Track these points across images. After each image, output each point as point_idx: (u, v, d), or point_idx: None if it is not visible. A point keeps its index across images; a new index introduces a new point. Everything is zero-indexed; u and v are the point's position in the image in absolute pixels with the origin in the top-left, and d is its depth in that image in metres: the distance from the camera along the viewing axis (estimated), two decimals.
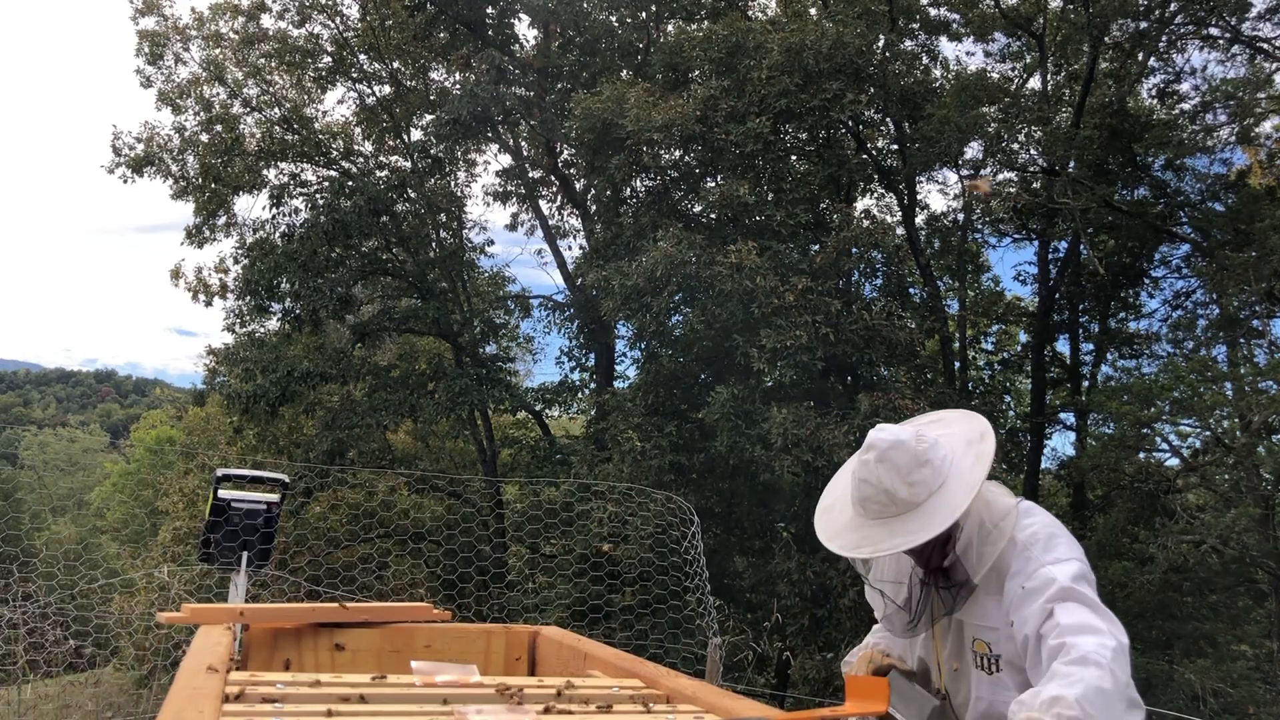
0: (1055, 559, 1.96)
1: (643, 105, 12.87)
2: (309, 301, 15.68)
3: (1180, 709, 9.37)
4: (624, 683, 1.63)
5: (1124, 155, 13.97)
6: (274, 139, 17.77)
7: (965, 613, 2.07)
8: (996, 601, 2.02)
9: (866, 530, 2.03)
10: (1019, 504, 2.11)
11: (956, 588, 2.04)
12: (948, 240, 16.65)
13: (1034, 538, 2.02)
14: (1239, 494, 11.67)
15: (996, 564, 2.02)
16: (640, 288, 12.39)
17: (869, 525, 2.03)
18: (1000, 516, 2.06)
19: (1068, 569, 1.94)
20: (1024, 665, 1.93)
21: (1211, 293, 13.72)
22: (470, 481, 17.00)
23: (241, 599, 3.14)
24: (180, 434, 29.44)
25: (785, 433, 11.57)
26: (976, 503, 2.03)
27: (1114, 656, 1.79)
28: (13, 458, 59.29)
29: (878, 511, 2.02)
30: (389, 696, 1.39)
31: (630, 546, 11.92)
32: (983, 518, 2.06)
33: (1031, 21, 15.20)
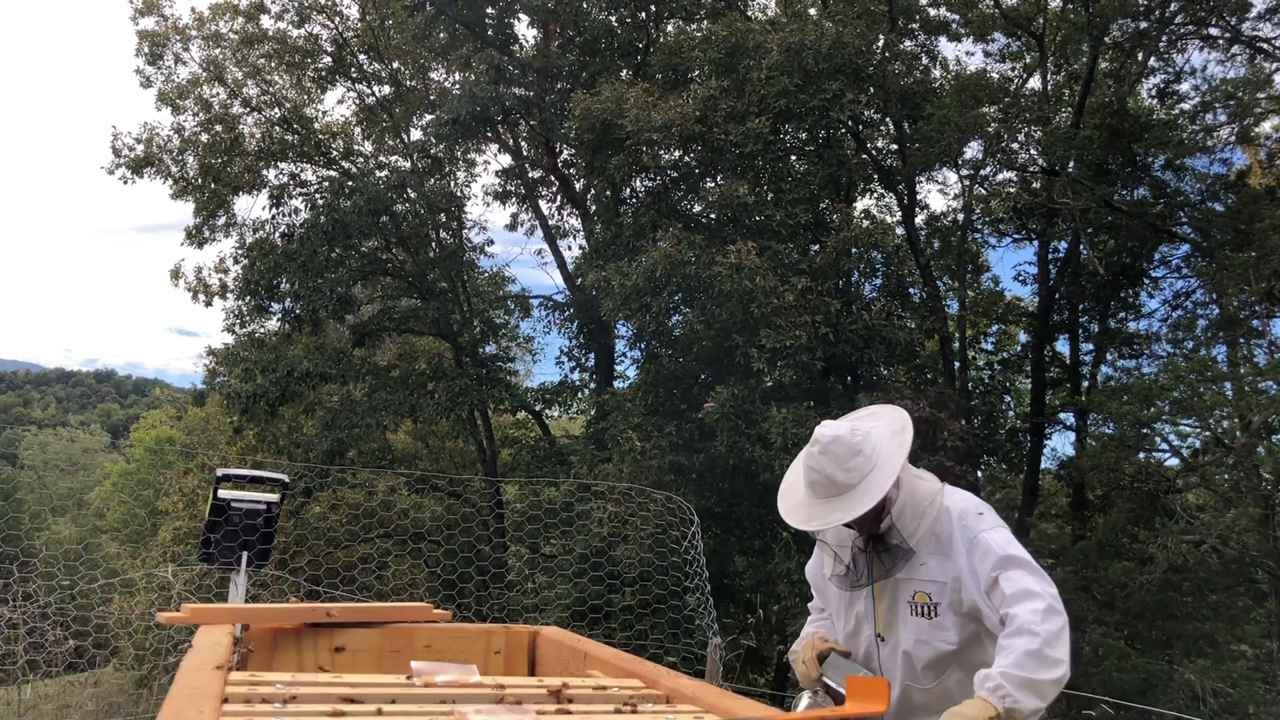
0: (987, 526, 2.41)
1: (642, 105, 12.87)
2: (309, 301, 15.68)
3: (1180, 709, 9.37)
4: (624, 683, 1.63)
5: (1124, 155, 13.97)
6: (274, 139, 17.77)
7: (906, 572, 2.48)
8: (939, 560, 2.44)
9: (815, 508, 2.48)
10: (945, 485, 2.56)
11: (895, 553, 2.47)
12: (948, 240, 16.64)
13: (965, 510, 2.46)
14: (1239, 494, 11.68)
15: (934, 530, 2.46)
16: (640, 288, 12.38)
17: (817, 504, 2.48)
18: (929, 494, 2.50)
19: (1000, 535, 2.38)
20: (963, 611, 2.39)
21: (1211, 293, 13.72)
22: (470, 481, 17.00)
23: (241, 599, 3.14)
24: (180, 434, 29.44)
25: (785, 433, 11.56)
26: (906, 483, 2.49)
27: (1043, 618, 2.17)
28: (13, 458, 59.34)
29: (823, 493, 2.46)
30: (389, 696, 1.39)
31: (630, 546, 11.92)
32: (915, 493, 2.50)
33: (1031, 21, 15.20)
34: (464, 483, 16.97)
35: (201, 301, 18.19)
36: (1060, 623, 2.17)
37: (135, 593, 12.38)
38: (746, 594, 13.98)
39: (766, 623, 13.91)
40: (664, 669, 1.75)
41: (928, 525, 2.45)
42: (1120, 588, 11.62)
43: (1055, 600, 2.20)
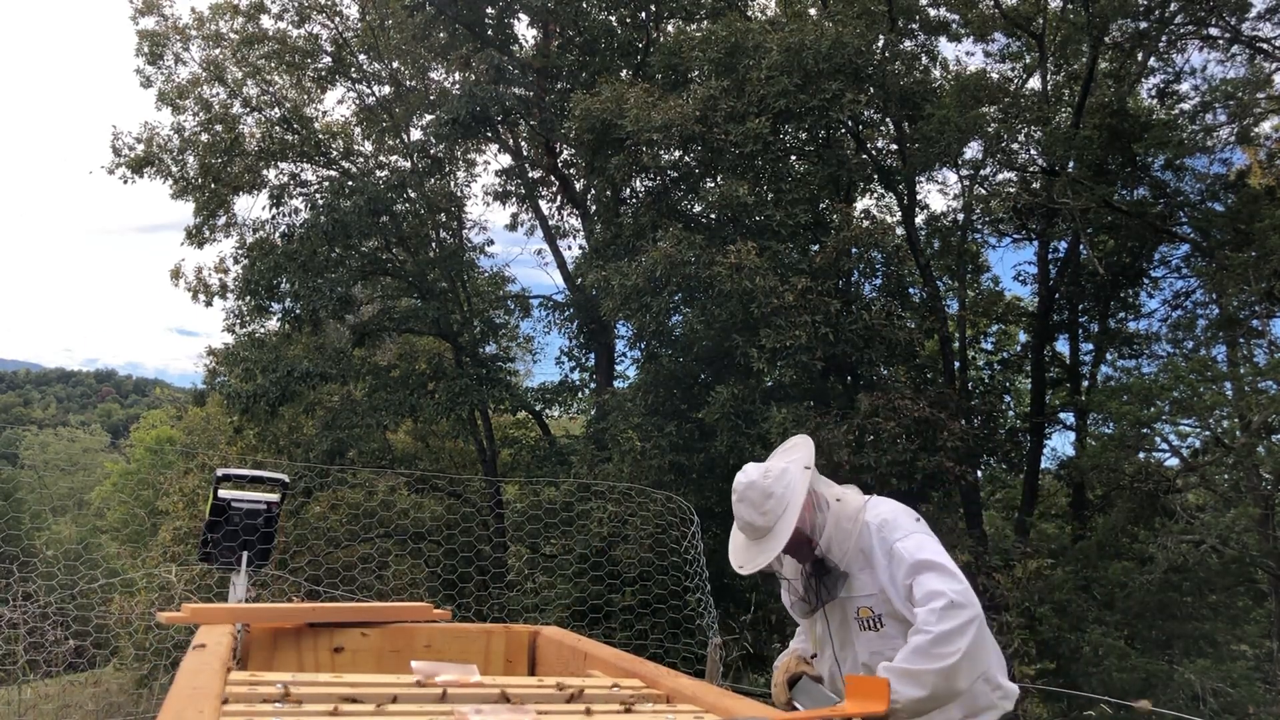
0: (901, 535, 2.52)
1: (642, 105, 12.87)
2: (309, 301, 15.68)
3: (1180, 709, 9.36)
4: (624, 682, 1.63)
5: (1124, 155, 13.97)
6: (274, 139, 17.77)
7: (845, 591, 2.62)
8: (869, 575, 2.57)
9: (746, 551, 2.68)
10: (868, 500, 2.69)
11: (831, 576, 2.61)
12: (948, 240, 16.64)
13: (883, 522, 2.59)
14: (1239, 494, 11.67)
15: (859, 546, 2.59)
16: (640, 288, 12.39)
17: (749, 546, 2.67)
18: (852, 514, 2.63)
19: (912, 542, 2.49)
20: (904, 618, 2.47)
21: (1211, 293, 13.72)
22: (470, 481, 17.00)
23: (241, 599, 3.14)
24: (180, 434, 29.45)
25: (785, 432, 11.56)
26: (832, 507, 2.64)
27: (939, 616, 2.28)
28: (13, 458, 59.34)
29: (751, 535, 2.65)
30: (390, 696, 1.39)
31: (630, 546, 11.93)
32: (840, 516, 2.63)
33: (1031, 21, 15.20)
34: (464, 483, 16.98)
35: (201, 301, 18.20)
36: (960, 617, 2.26)
37: (135, 593, 12.38)
38: (746, 594, 13.98)
39: (766, 623, 13.91)
40: (664, 669, 1.75)
41: (853, 544, 2.59)
42: (1120, 588, 11.62)
43: (959, 595, 2.29)
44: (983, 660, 2.28)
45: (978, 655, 2.26)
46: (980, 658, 2.28)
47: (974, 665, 2.26)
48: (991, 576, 11.66)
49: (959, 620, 2.25)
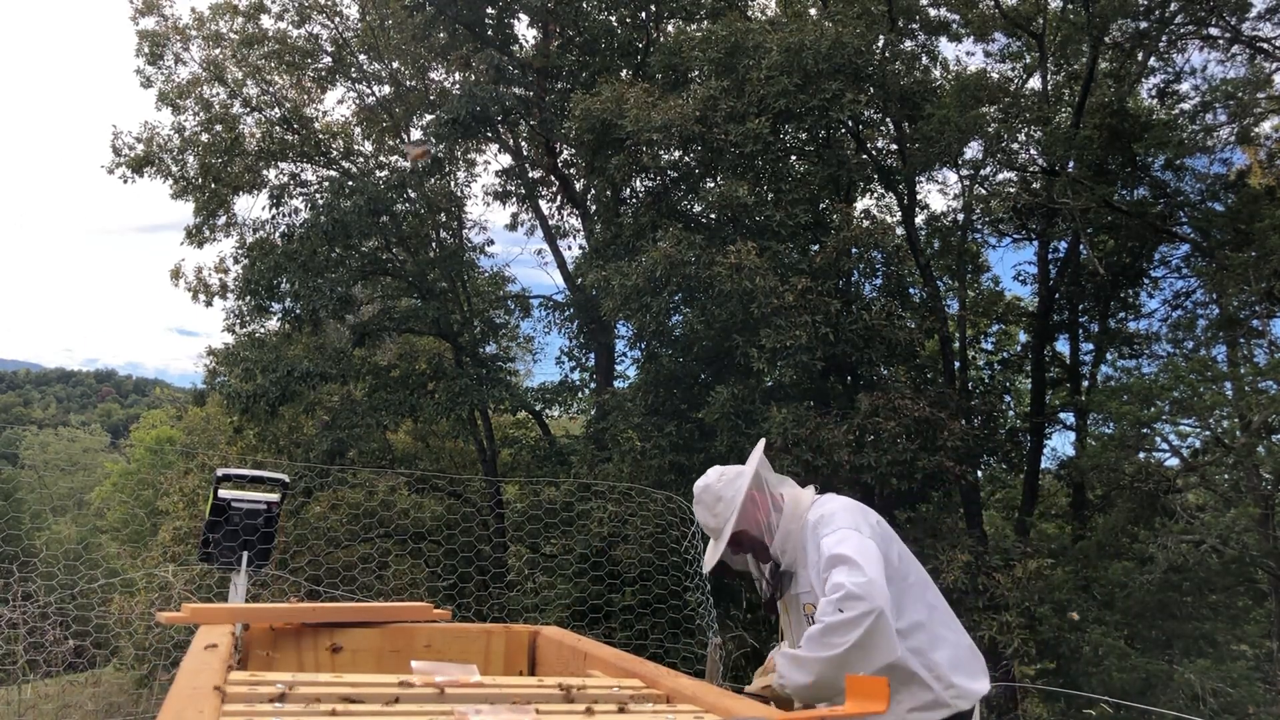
0: (829, 531, 2.55)
1: (642, 105, 12.87)
2: (309, 301, 15.68)
3: (1180, 709, 9.36)
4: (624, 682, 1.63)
5: (1124, 155, 13.97)
6: (274, 139, 17.78)
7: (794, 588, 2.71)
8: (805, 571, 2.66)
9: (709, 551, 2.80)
10: (816, 499, 2.73)
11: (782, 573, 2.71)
12: (948, 240, 16.64)
13: (820, 519, 2.62)
14: (1239, 494, 11.67)
15: (799, 544, 2.67)
16: (640, 288, 12.39)
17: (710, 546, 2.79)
18: (799, 512, 2.69)
19: (834, 538, 2.50)
20: None
21: (1211, 293, 13.72)
22: (470, 481, 17.00)
23: (241, 599, 3.14)
24: (180, 434, 29.45)
25: (785, 432, 11.57)
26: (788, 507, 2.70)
27: (833, 606, 2.31)
28: (13, 458, 59.34)
29: (710, 536, 2.78)
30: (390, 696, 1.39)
31: (630, 546, 11.92)
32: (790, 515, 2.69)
33: (1031, 21, 15.20)
34: (464, 483, 16.98)
35: (201, 301, 18.22)
36: (855, 610, 2.28)
37: (135, 593, 12.38)
38: (746, 594, 13.98)
39: (766, 622, 13.91)
40: (664, 669, 1.75)
41: (795, 543, 2.67)
42: (1120, 588, 11.61)
43: (858, 588, 2.31)
44: (879, 653, 2.28)
45: (872, 647, 2.28)
46: (876, 651, 2.28)
47: (867, 657, 2.27)
48: (991, 576, 11.66)
49: (853, 613, 2.28)
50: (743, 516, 2.71)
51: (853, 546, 2.45)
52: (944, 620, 2.63)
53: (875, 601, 2.29)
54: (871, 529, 2.56)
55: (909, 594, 2.57)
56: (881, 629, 2.28)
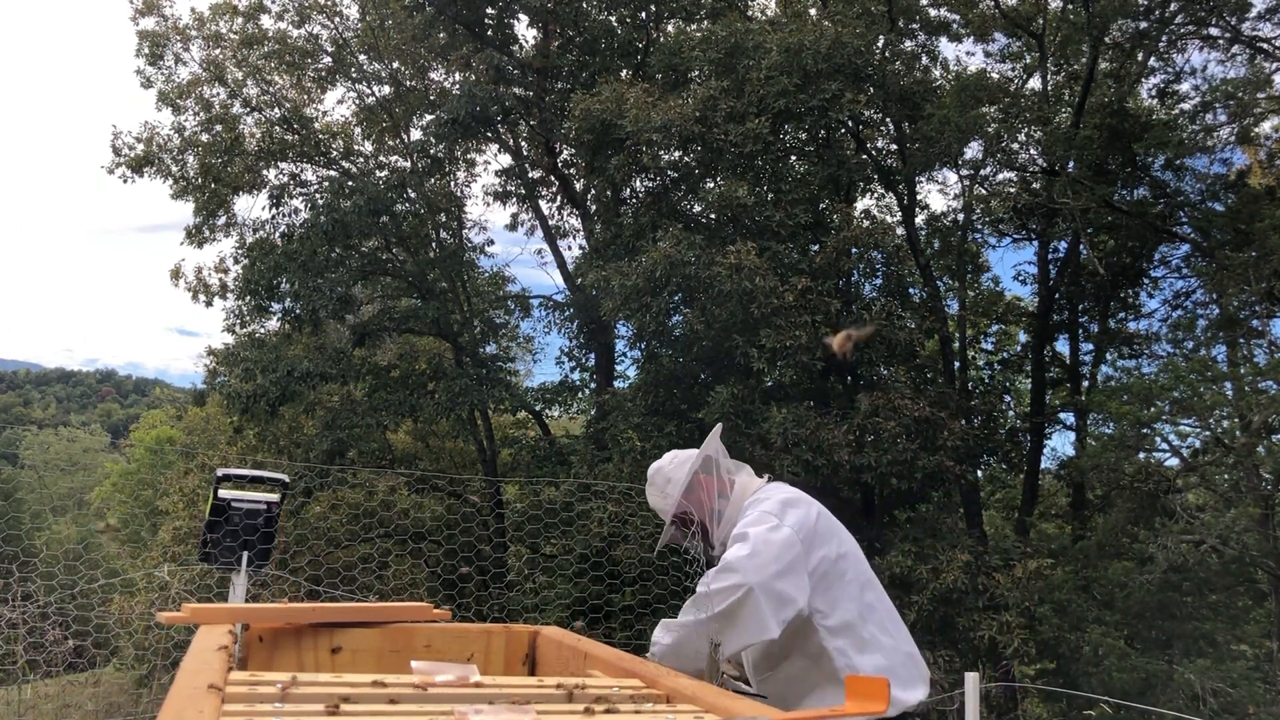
0: (749, 516, 2.54)
1: (642, 106, 12.87)
2: (309, 301, 15.68)
3: (1180, 709, 9.36)
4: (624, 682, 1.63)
5: (1124, 155, 13.97)
6: (274, 139, 17.78)
7: None
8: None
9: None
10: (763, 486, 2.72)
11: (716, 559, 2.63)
12: (948, 240, 16.65)
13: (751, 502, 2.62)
14: (1239, 494, 11.67)
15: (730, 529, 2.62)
16: (640, 288, 12.39)
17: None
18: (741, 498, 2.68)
19: (748, 518, 2.52)
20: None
21: (1211, 293, 13.72)
22: (470, 481, 17.00)
23: (241, 599, 3.14)
24: (180, 434, 29.46)
25: (785, 432, 11.57)
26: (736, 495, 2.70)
27: (712, 578, 2.33)
28: (13, 458, 59.35)
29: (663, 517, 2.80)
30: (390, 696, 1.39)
31: (630, 546, 11.92)
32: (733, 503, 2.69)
33: (1031, 21, 15.20)
34: (464, 483, 16.98)
35: (202, 301, 18.21)
36: (727, 581, 2.31)
37: (135, 593, 12.38)
38: None
39: None
40: (664, 669, 1.75)
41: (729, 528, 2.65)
42: (1120, 588, 11.62)
43: (737, 562, 2.33)
44: (745, 629, 2.29)
45: (737, 620, 2.29)
46: (741, 625, 2.29)
47: (732, 628, 2.28)
48: (991, 576, 11.66)
49: (723, 584, 2.30)
50: (688, 498, 2.72)
51: (757, 529, 2.45)
52: (881, 624, 2.58)
53: (748, 577, 2.30)
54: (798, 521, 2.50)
55: (845, 593, 2.52)
56: (748, 604, 2.28)
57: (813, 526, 2.53)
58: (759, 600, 2.29)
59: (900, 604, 11.30)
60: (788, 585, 2.36)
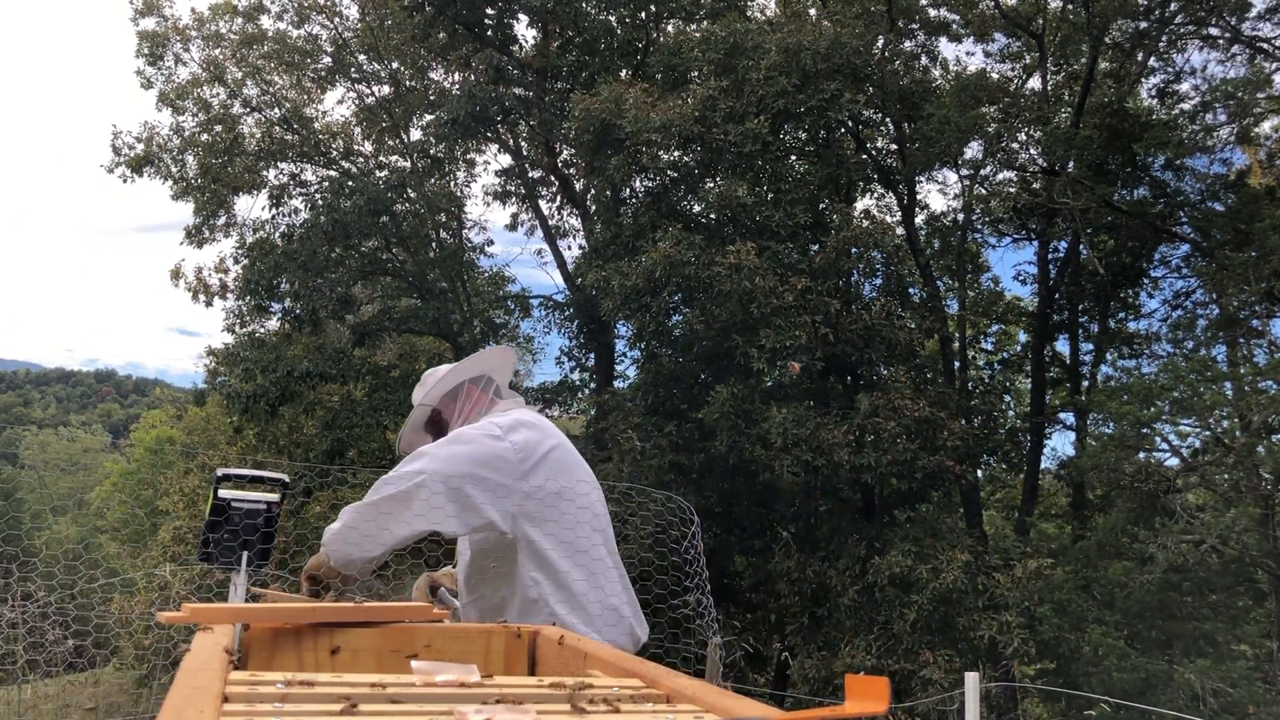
0: (481, 421, 2.48)
1: (641, 106, 12.87)
2: (309, 301, 15.69)
3: (1180, 709, 9.36)
4: (624, 682, 1.63)
5: (1124, 155, 13.98)
6: (274, 139, 17.79)
7: None
8: None
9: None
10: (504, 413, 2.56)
11: None
12: (948, 240, 16.65)
13: (490, 417, 2.52)
14: (1239, 494, 11.67)
15: None
16: (640, 288, 12.39)
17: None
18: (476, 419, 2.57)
19: (475, 425, 2.46)
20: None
21: (1211, 293, 13.73)
22: None
23: (241, 599, 3.14)
24: (180, 434, 29.47)
25: (785, 432, 11.57)
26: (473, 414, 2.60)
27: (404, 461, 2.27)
28: (13, 458, 59.28)
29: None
30: (391, 696, 1.39)
31: (630, 546, 11.92)
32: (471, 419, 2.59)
33: (1031, 21, 15.20)
34: None
35: (202, 301, 18.22)
36: (411, 465, 2.24)
37: (135, 593, 12.38)
38: (746, 594, 13.98)
39: (766, 622, 13.91)
40: (664, 669, 1.75)
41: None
42: (1120, 588, 11.62)
43: (435, 450, 2.28)
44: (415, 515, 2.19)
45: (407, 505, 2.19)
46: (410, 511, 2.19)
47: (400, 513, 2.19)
48: (991, 576, 11.66)
49: (408, 467, 2.25)
50: (445, 404, 2.66)
51: (472, 431, 2.38)
52: (592, 573, 2.43)
53: (434, 465, 2.22)
54: (523, 442, 2.38)
55: (559, 530, 2.40)
56: (423, 493, 2.19)
57: (540, 454, 2.42)
58: (439, 492, 2.19)
59: (900, 604, 11.33)
60: (478, 492, 2.25)
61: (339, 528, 2.31)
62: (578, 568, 2.40)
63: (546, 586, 2.35)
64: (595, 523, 2.53)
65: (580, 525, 2.44)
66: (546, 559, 2.35)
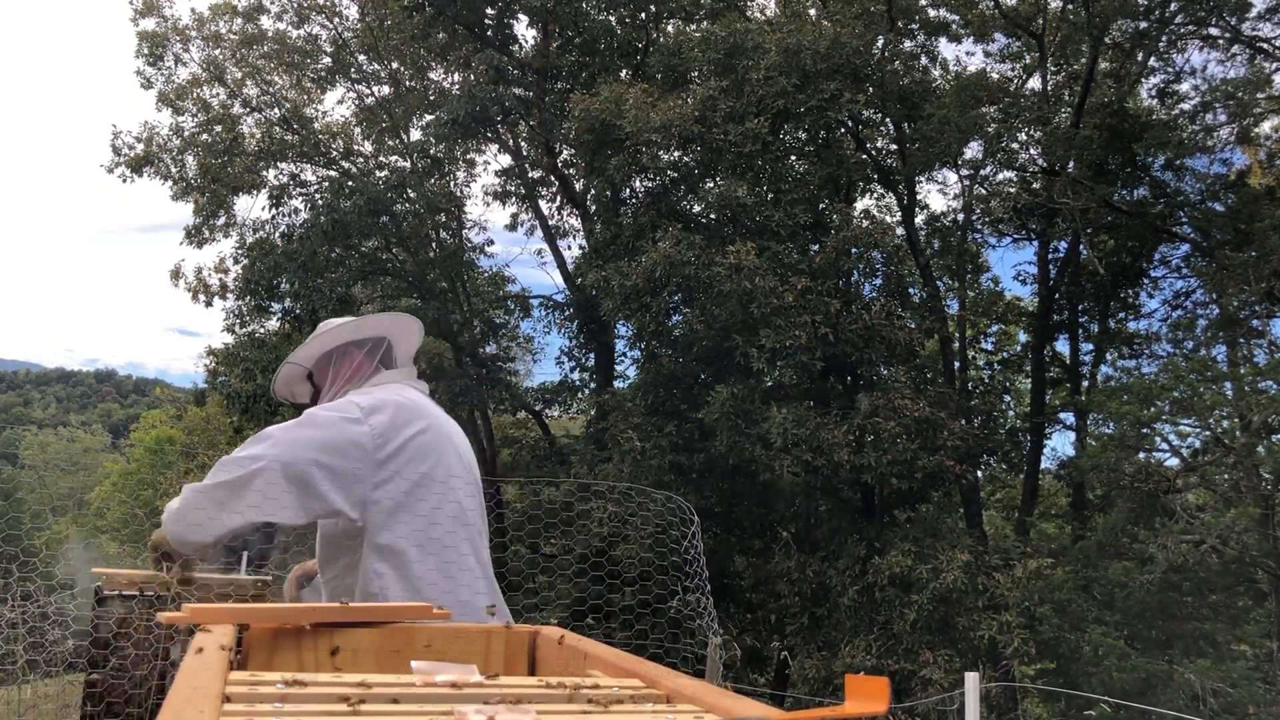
0: (342, 400, 2.30)
1: (641, 106, 12.88)
2: (309, 301, 15.68)
3: (1180, 709, 9.37)
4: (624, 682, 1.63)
5: (1124, 155, 13.98)
6: (273, 139, 17.79)
7: None
8: None
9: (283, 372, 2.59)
10: (387, 386, 2.38)
11: None
12: (948, 240, 16.65)
13: (357, 393, 2.33)
14: (1239, 494, 11.67)
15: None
16: (640, 288, 12.39)
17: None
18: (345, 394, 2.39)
19: (336, 402, 2.29)
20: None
21: (1211, 293, 13.73)
22: None
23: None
24: (180, 434, 29.49)
25: (785, 432, 11.57)
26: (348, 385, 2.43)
27: (246, 444, 2.12)
28: (13, 458, 59.35)
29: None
30: (391, 696, 1.39)
31: (630, 546, 11.93)
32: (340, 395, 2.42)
33: (1031, 21, 15.21)
34: None
35: (202, 301, 18.21)
36: (251, 450, 2.10)
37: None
38: (746, 594, 13.98)
39: (766, 622, 13.91)
40: (664, 669, 1.75)
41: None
42: (1120, 588, 11.62)
43: (280, 433, 2.12)
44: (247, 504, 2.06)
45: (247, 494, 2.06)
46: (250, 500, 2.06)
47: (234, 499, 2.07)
48: (991, 576, 11.66)
49: (248, 451, 2.10)
50: (322, 363, 2.48)
51: (327, 413, 2.21)
52: (448, 567, 2.29)
53: (275, 450, 2.07)
54: (383, 426, 2.21)
55: (412, 519, 2.24)
56: (260, 481, 2.06)
57: (402, 439, 2.24)
58: (275, 482, 2.06)
59: (900, 604, 11.33)
60: (323, 479, 2.11)
61: (176, 507, 2.18)
62: (431, 559, 2.25)
63: (390, 579, 2.21)
64: (461, 515, 2.37)
65: (439, 517, 2.29)
66: (395, 551, 2.21)
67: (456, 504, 2.34)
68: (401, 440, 2.23)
